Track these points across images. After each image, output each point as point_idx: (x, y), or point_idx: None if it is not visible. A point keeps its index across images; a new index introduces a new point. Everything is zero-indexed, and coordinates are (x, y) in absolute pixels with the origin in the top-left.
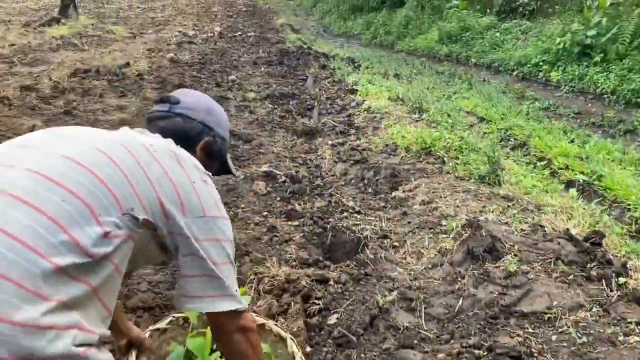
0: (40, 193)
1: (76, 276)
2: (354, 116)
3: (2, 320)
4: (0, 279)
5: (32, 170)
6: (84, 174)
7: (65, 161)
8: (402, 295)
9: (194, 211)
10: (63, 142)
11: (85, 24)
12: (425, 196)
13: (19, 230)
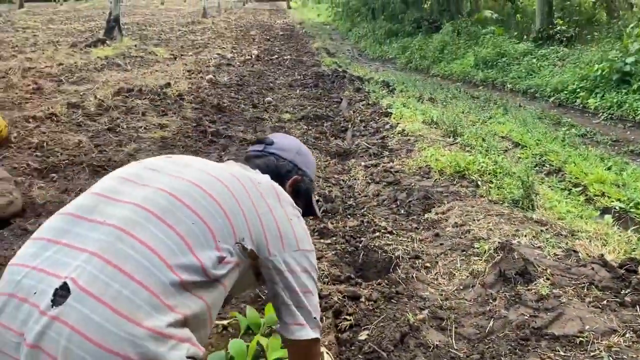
0: (174, 213)
1: (195, 292)
2: (387, 138)
3: (135, 323)
4: (137, 285)
5: (165, 191)
6: (210, 202)
7: (195, 188)
8: (433, 314)
9: (291, 245)
10: (188, 170)
11: (128, 45)
12: (458, 219)
13: (154, 243)
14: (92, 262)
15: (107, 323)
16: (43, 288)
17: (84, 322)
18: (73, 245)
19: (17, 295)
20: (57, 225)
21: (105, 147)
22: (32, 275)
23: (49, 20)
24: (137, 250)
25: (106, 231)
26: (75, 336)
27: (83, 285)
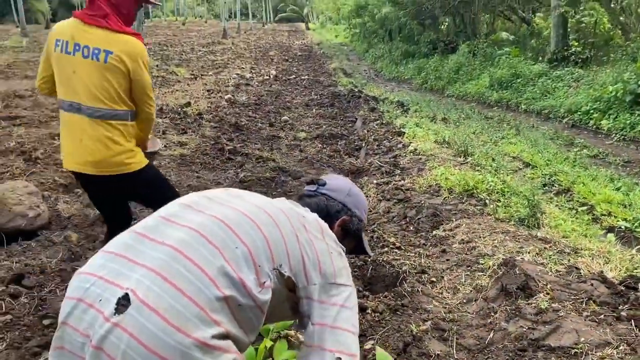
0: (221, 238)
1: (238, 311)
2: (399, 157)
3: (184, 334)
4: (188, 300)
5: (217, 218)
6: (253, 228)
7: (242, 216)
8: (435, 326)
9: (328, 277)
10: (239, 201)
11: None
12: (465, 236)
13: (203, 263)
14: (150, 277)
15: (160, 332)
16: (107, 297)
17: (140, 330)
18: (135, 261)
19: (85, 300)
20: (124, 241)
21: None
22: (98, 284)
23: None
24: (189, 269)
25: (164, 250)
26: (132, 342)
27: (142, 297)
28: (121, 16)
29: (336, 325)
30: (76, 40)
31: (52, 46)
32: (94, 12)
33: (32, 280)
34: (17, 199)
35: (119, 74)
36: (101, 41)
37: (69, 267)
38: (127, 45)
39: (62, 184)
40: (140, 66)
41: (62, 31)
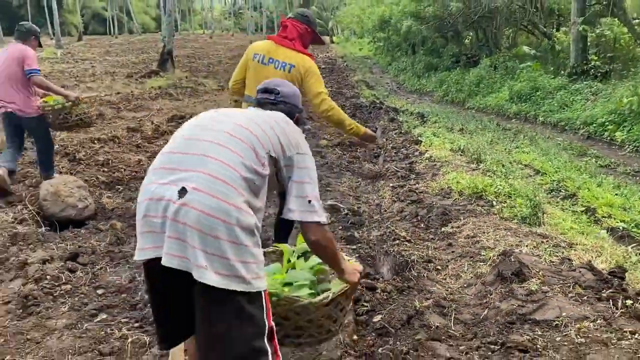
0: (231, 142)
1: (253, 186)
2: (415, 164)
3: (225, 201)
4: (223, 183)
5: (223, 131)
6: (247, 132)
7: (237, 126)
8: (436, 303)
9: (298, 149)
10: (231, 117)
11: (179, 76)
12: (471, 232)
13: (227, 159)
14: (194, 175)
15: (210, 202)
16: (170, 193)
17: (198, 203)
18: (179, 169)
19: (154, 198)
20: (166, 159)
21: None
22: (160, 187)
23: (105, 52)
24: (218, 166)
25: (196, 158)
26: (195, 211)
27: (193, 187)
28: (302, 42)
29: (304, 180)
30: (271, 55)
31: (250, 57)
32: (285, 35)
33: (85, 259)
34: (68, 192)
35: (296, 80)
36: (287, 57)
37: (116, 249)
38: (304, 61)
39: (104, 182)
40: (309, 75)
41: (260, 48)
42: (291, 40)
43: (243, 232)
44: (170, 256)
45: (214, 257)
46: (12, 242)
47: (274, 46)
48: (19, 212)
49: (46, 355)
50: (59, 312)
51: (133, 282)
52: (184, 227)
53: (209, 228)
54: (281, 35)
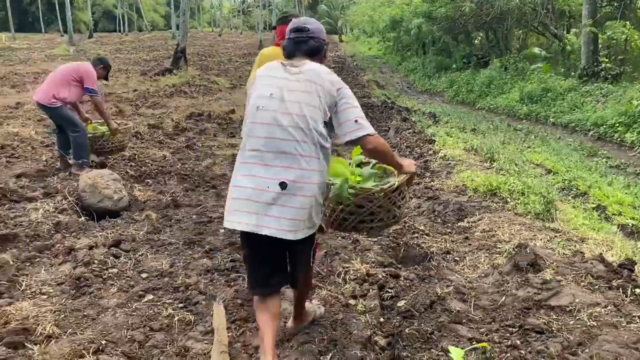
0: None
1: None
2: (430, 162)
3: (305, 169)
4: (297, 156)
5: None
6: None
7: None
8: (456, 290)
9: (338, 85)
10: (293, 88)
11: (192, 75)
12: (486, 226)
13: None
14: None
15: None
16: (270, 185)
17: (298, 195)
18: (270, 164)
19: (257, 188)
20: (254, 154)
21: (186, 160)
22: (258, 180)
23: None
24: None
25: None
26: (293, 198)
27: (291, 179)
28: None
29: (347, 107)
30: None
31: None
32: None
33: (127, 246)
34: (105, 184)
35: None
36: None
37: (155, 237)
38: None
39: (133, 175)
40: None
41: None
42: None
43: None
44: (279, 231)
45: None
46: (56, 230)
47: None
48: (59, 203)
49: (103, 330)
50: (109, 292)
51: (173, 267)
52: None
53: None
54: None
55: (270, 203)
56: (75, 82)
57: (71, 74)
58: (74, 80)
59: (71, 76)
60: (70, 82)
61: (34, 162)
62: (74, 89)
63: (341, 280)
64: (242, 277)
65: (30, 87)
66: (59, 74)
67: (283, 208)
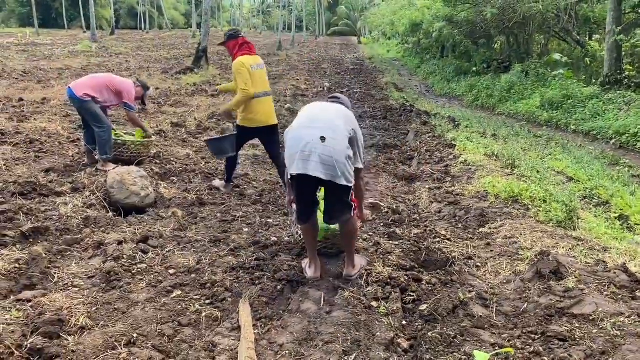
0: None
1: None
2: (450, 167)
3: (343, 152)
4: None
5: (328, 118)
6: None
7: (334, 113)
8: (479, 295)
9: (355, 126)
10: (326, 114)
11: (213, 74)
12: (508, 233)
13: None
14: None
15: (337, 146)
16: (314, 138)
17: (331, 148)
18: (316, 126)
19: (303, 140)
20: (304, 131)
21: (209, 159)
22: (306, 138)
23: (137, 47)
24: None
25: (321, 126)
26: (327, 149)
27: (327, 136)
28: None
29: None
30: (257, 63)
31: (249, 68)
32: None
33: (155, 242)
34: (132, 180)
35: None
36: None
37: (182, 234)
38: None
39: (158, 173)
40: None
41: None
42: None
43: (349, 160)
44: (318, 171)
45: (337, 172)
46: (85, 225)
47: (251, 57)
48: (87, 198)
49: (134, 324)
50: (138, 287)
51: (200, 263)
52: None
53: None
54: (248, 49)
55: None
56: (111, 91)
57: (113, 84)
58: (112, 90)
59: (112, 86)
60: (107, 88)
61: (61, 157)
62: (107, 94)
63: (363, 283)
64: (267, 276)
65: (54, 82)
66: (101, 78)
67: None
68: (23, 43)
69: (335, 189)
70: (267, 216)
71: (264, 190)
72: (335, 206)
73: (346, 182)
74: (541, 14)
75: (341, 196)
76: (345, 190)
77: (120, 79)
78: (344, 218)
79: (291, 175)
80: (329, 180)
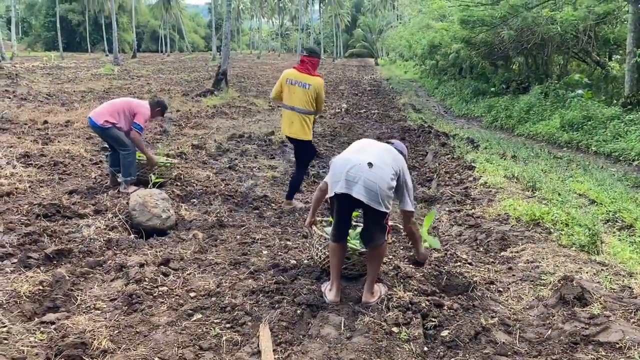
0: (384, 157)
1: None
2: (470, 189)
3: (387, 183)
4: (385, 176)
5: (375, 152)
6: (387, 156)
7: (381, 150)
8: (501, 321)
9: (403, 167)
10: (374, 147)
11: (232, 96)
12: (530, 257)
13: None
14: (374, 158)
15: (382, 175)
16: (362, 162)
17: (376, 174)
18: (365, 152)
19: (352, 163)
20: (352, 155)
21: (229, 181)
22: (353, 160)
23: (158, 70)
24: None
25: (370, 156)
26: (373, 175)
27: (374, 163)
28: (313, 68)
29: (408, 188)
30: (297, 79)
31: (284, 80)
32: (303, 68)
33: (176, 264)
34: (154, 203)
35: (312, 93)
36: (305, 79)
37: (202, 257)
38: (316, 81)
39: (179, 195)
40: (319, 89)
41: (290, 74)
42: (307, 68)
43: (390, 191)
44: (361, 195)
45: (378, 198)
46: (107, 247)
47: (298, 73)
48: (109, 220)
49: (155, 347)
50: (159, 310)
51: (220, 286)
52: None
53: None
54: (301, 66)
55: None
56: (128, 115)
57: (130, 108)
58: (129, 113)
59: (130, 110)
60: (125, 113)
61: (84, 179)
62: (124, 119)
63: (384, 307)
64: (287, 299)
65: (78, 105)
66: (118, 103)
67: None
68: (48, 66)
69: (375, 214)
70: (287, 238)
71: (282, 212)
72: (372, 228)
73: (385, 209)
74: (560, 35)
75: (379, 220)
76: (383, 215)
77: (137, 102)
78: (379, 242)
79: (334, 194)
80: (368, 204)
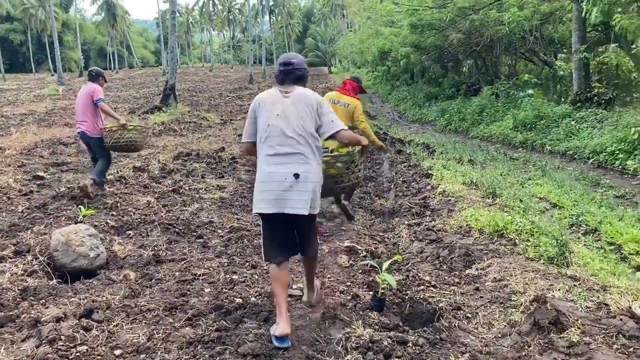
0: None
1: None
2: (429, 199)
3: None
4: (302, 155)
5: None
6: (300, 116)
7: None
8: (472, 357)
9: (319, 99)
10: (290, 108)
11: (182, 111)
12: (497, 274)
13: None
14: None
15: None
16: (288, 176)
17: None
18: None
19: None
20: (271, 152)
21: (171, 207)
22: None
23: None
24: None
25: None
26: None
27: (300, 172)
28: (354, 91)
29: (326, 114)
30: (339, 99)
31: (329, 101)
32: (344, 88)
33: (100, 315)
34: (79, 241)
35: (350, 112)
36: (345, 99)
37: (132, 303)
38: (354, 102)
39: (113, 226)
40: (357, 109)
41: (333, 95)
42: (347, 90)
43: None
44: (298, 208)
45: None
46: (22, 297)
47: (339, 94)
48: (28, 264)
49: None
50: None
51: (151, 339)
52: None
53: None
54: (343, 88)
55: (288, 190)
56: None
57: (88, 97)
58: (91, 102)
59: (90, 99)
60: (92, 105)
61: (9, 214)
62: (96, 111)
63: (341, 349)
64: (229, 349)
65: (14, 130)
66: (82, 104)
67: (298, 192)
68: None
69: (310, 222)
70: (233, 271)
71: (230, 239)
72: (310, 239)
73: (315, 211)
74: (507, 36)
75: (312, 226)
76: (314, 220)
77: (86, 90)
78: (316, 249)
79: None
80: (310, 214)
